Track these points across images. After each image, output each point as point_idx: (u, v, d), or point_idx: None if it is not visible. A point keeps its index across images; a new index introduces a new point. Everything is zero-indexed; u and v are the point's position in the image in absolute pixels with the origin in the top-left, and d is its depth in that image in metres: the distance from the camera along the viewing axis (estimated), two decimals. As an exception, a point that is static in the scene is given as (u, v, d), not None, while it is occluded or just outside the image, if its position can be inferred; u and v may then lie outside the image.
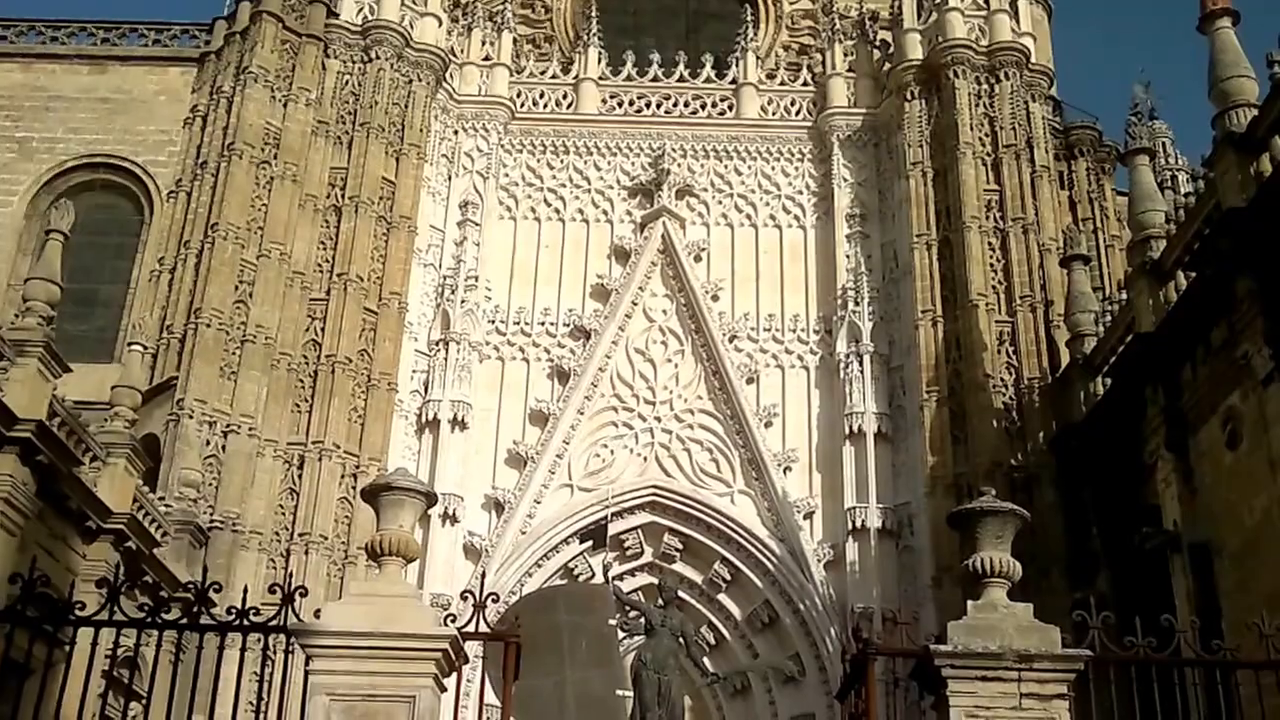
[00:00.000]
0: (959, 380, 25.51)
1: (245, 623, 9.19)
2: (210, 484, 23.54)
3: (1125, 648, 9.63)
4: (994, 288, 25.93)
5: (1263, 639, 9.63)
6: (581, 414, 27.57)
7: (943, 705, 9.16)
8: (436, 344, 27.77)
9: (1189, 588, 17.96)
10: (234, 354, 24.83)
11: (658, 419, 27.67)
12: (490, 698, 10.23)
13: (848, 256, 28.64)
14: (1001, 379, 24.96)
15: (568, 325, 28.58)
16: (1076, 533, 22.59)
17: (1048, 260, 26.13)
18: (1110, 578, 21.04)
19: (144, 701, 14.87)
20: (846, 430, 26.82)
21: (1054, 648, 9.15)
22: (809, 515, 26.72)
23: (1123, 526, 20.40)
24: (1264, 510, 16.47)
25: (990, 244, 26.32)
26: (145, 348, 23.58)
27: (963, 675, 9.01)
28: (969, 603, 9.62)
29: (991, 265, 26.17)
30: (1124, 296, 21.93)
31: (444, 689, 9.07)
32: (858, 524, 26.02)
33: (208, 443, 23.88)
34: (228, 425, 24.13)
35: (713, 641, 26.45)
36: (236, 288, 25.46)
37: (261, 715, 11.62)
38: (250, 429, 24.33)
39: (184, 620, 9.56)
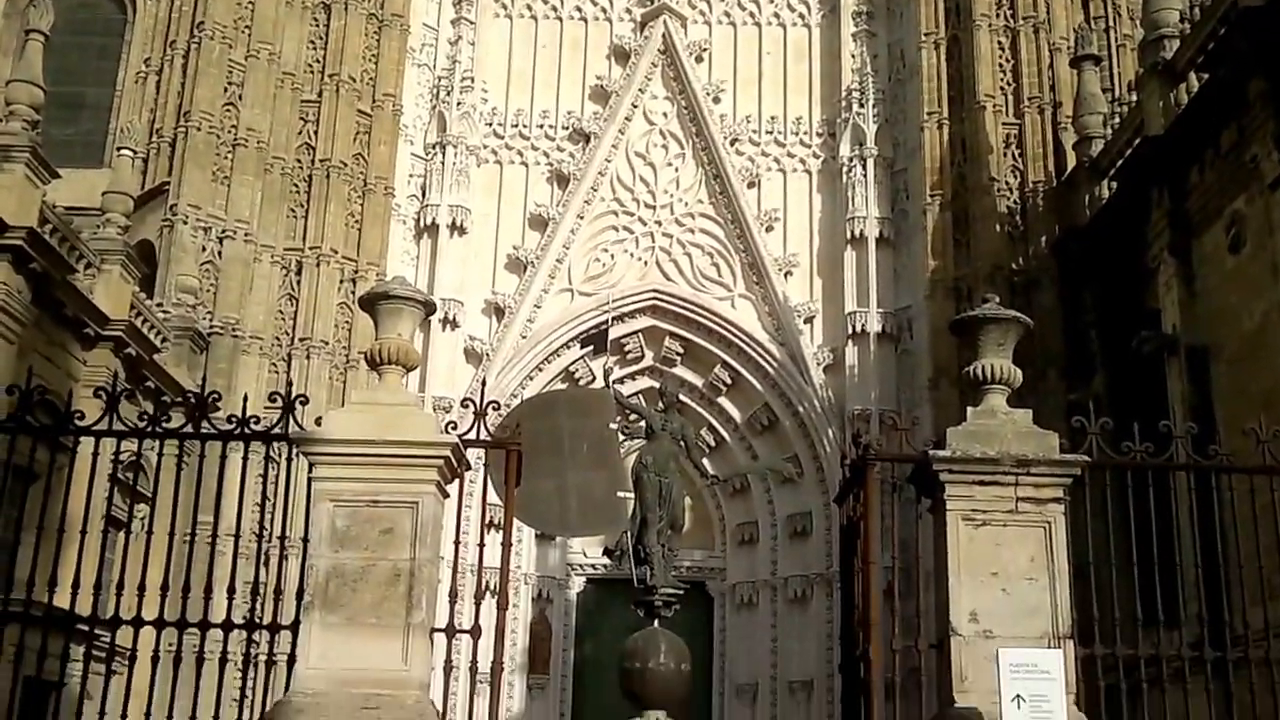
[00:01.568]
0: (963, 184, 25.21)
1: (246, 431, 9.24)
2: (208, 290, 23.46)
3: (1122, 453, 9.71)
4: (1002, 89, 25.39)
5: (1259, 444, 9.70)
6: (581, 218, 27.35)
7: (939, 508, 9.27)
8: (433, 147, 27.36)
9: (1184, 391, 18.09)
10: (226, 158, 24.42)
11: (658, 223, 27.48)
12: (494, 499, 10.34)
13: (853, 56, 27.99)
14: (1006, 182, 24.65)
15: (567, 128, 28.11)
16: (1075, 336, 22.68)
17: (1058, 60, 25.49)
18: (1106, 380, 21.19)
19: (150, 504, 15.12)
20: (848, 234, 26.67)
21: (1051, 453, 9.22)
22: (809, 319, 26.78)
23: (1121, 330, 20.44)
24: (1263, 314, 16.47)
25: (1000, 43, 25.65)
26: (135, 152, 23.21)
27: (960, 480, 9.10)
28: (969, 409, 9.65)
29: (1000, 65, 25.56)
30: (1134, 98, 21.49)
31: (446, 495, 9.17)
32: (857, 328, 26.11)
33: (203, 249, 23.70)
34: (223, 231, 23.92)
35: (713, 444, 26.83)
36: (225, 89, 24.86)
37: (266, 520, 11.81)
38: (246, 234, 24.11)
39: (185, 429, 9.62)
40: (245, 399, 9.89)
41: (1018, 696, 8.14)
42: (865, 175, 26.79)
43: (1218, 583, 10.71)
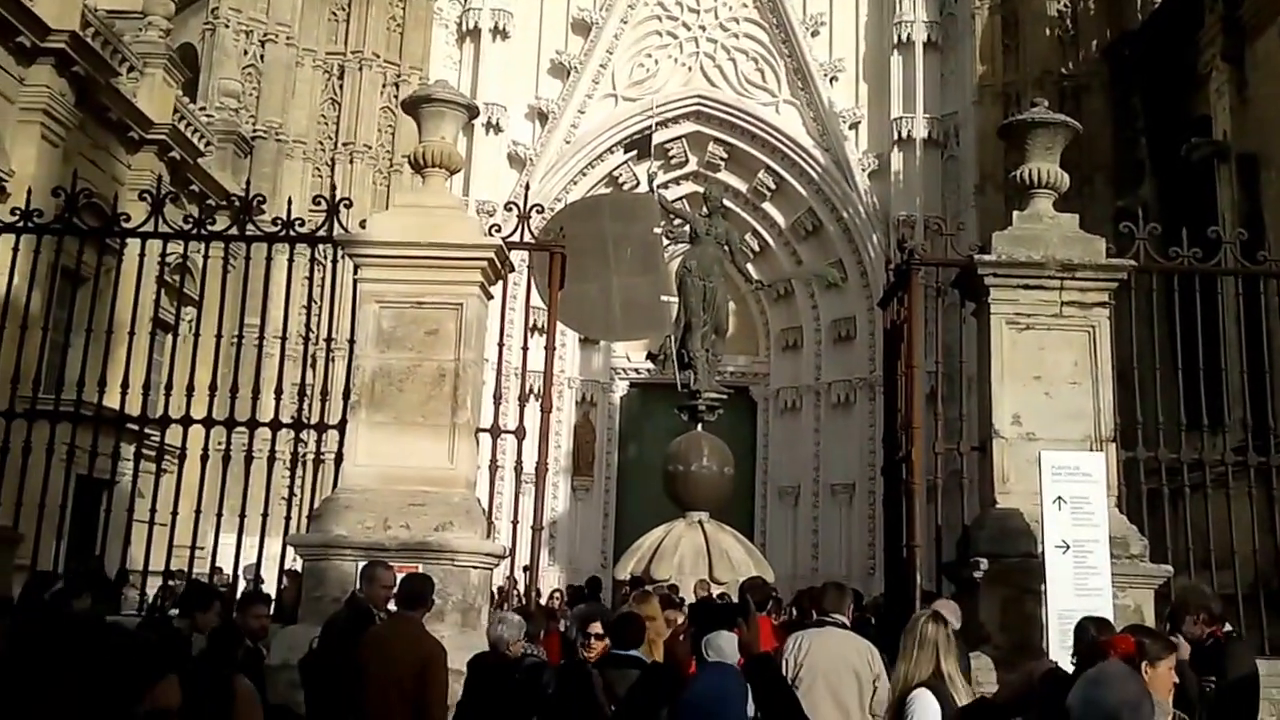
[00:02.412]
0: (1014, -15, 24.37)
1: (292, 233, 9.26)
2: (250, 94, 23.28)
3: (1169, 258, 9.58)
4: (1058, -116, 24.29)
5: (1310, 248, 9.53)
6: (625, 23, 26.73)
7: (984, 312, 9.23)
8: (475, -51, 26.64)
9: (1234, 199, 17.74)
10: (267, -40, 23.94)
11: (702, 28, 26.82)
12: (537, 302, 10.38)
13: None
14: (1059, -16, 23.81)
15: (610, -73, 27.23)
16: (1124, 143, 22.18)
17: None
18: (1155, 188, 20.79)
19: (197, 307, 15.32)
20: (895, 39, 25.96)
21: (1097, 257, 9.11)
22: (854, 125, 26.29)
23: (1171, 136, 19.96)
24: (1320, 119, 16.00)
25: None
26: (174, -48, 22.74)
27: (1005, 284, 9.03)
28: (1014, 213, 9.52)
29: None
30: (1197, -107, 20.51)
31: (490, 296, 9.21)
32: (903, 134, 25.64)
33: (245, 52, 23.43)
34: (264, 34, 23.59)
35: (757, 249, 26.72)
36: (266, -110, 24.21)
37: (312, 323, 11.95)
38: (288, 38, 23.77)
39: (231, 231, 9.66)
40: (290, 202, 9.89)
41: (1059, 498, 8.21)
42: (915, -23, 25.91)
43: (1263, 388, 10.67)
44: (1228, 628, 7.19)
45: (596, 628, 6.97)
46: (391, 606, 6.70)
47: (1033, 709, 4.36)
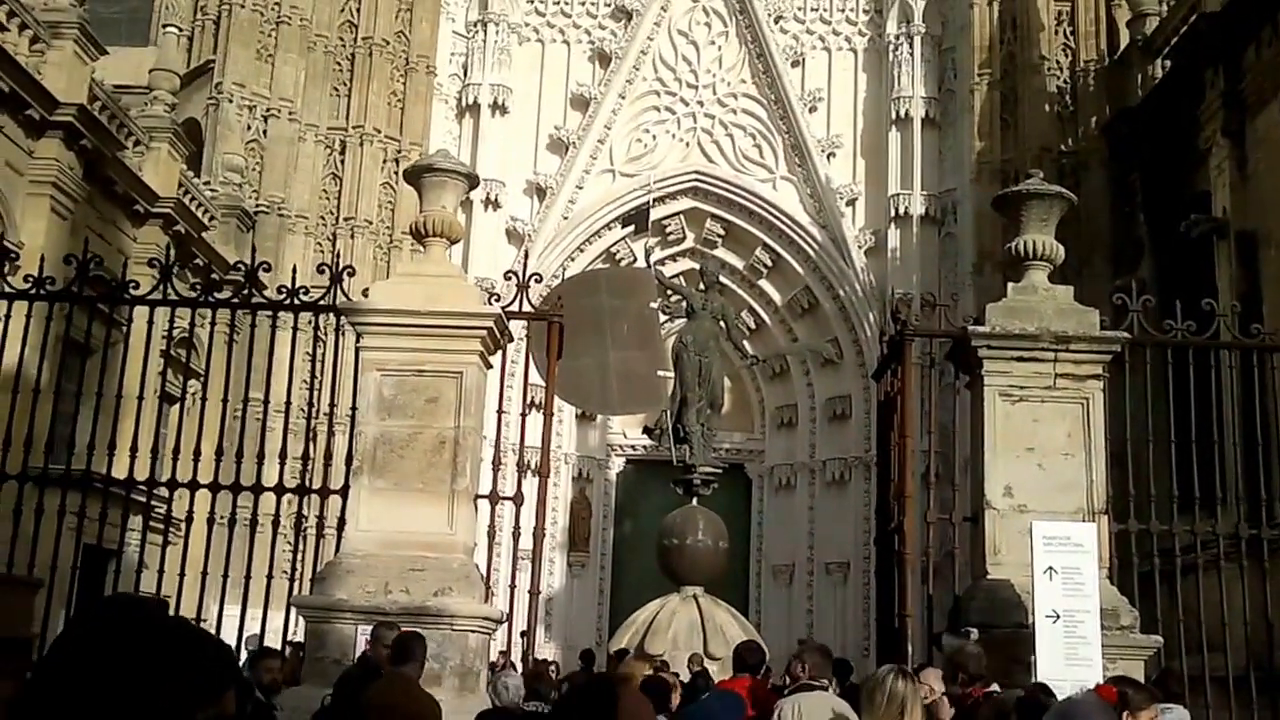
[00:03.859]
0: (1012, 63, 24.68)
1: (296, 301, 9.41)
2: (254, 169, 23.57)
3: (1164, 331, 9.72)
4: (1054, -36, 24.79)
5: (1303, 323, 9.67)
6: (623, 98, 27.11)
7: (977, 385, 9.35)
8: (474, 25, 27.13)
9: (1232, 275, 17.90)
10: (270, 36, 24.34)
11: (700, 103, 27.20)
12: (534, 377, 10.49)
13: (901, -70, 27.35)
14: (1057, 61, 24.15)
15: (609, 5, 27.71)
16: (1122, 219, 22.41)
17: (1112, -66, 24.83)
18: (1154, 265, 20.99)
19: (201, 379, 15.43)
20: (893, 115, 26.31)
21: (1091, 329, 9.24)
22: (851, 202, 26.57)
23: (1170, 213, 20.19)
24: (1316, 198, 16.22)
25: (1052, -84, 24.98)
26: (180, 29, 23.21)
27: (999, 355, 9.15)
28: (1009, 285, 9.67)
29: (1053, -60, 24.93)
30: (1191, -26, 20.96)
31: (490, 365, 9.32)
32: (900, 210, 25.90)
33: (249, 127, 23.76)
34: (268, 109, 23.94)
35: (753, 326, 26.89)
36: (268, -33, 24.71)
37: (315, 392, 12.05)
38: (290, 113, 24.13)
39: (236, 299, 9.80)
40: (294, 270, 10.05)
41: (1050, 568, 8.27)
42: (912, 53, 26.31)
43: (1258, 466, 10.75)
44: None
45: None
46: None
47: None
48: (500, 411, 9.42)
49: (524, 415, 10.09)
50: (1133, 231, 22.07)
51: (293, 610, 9.04)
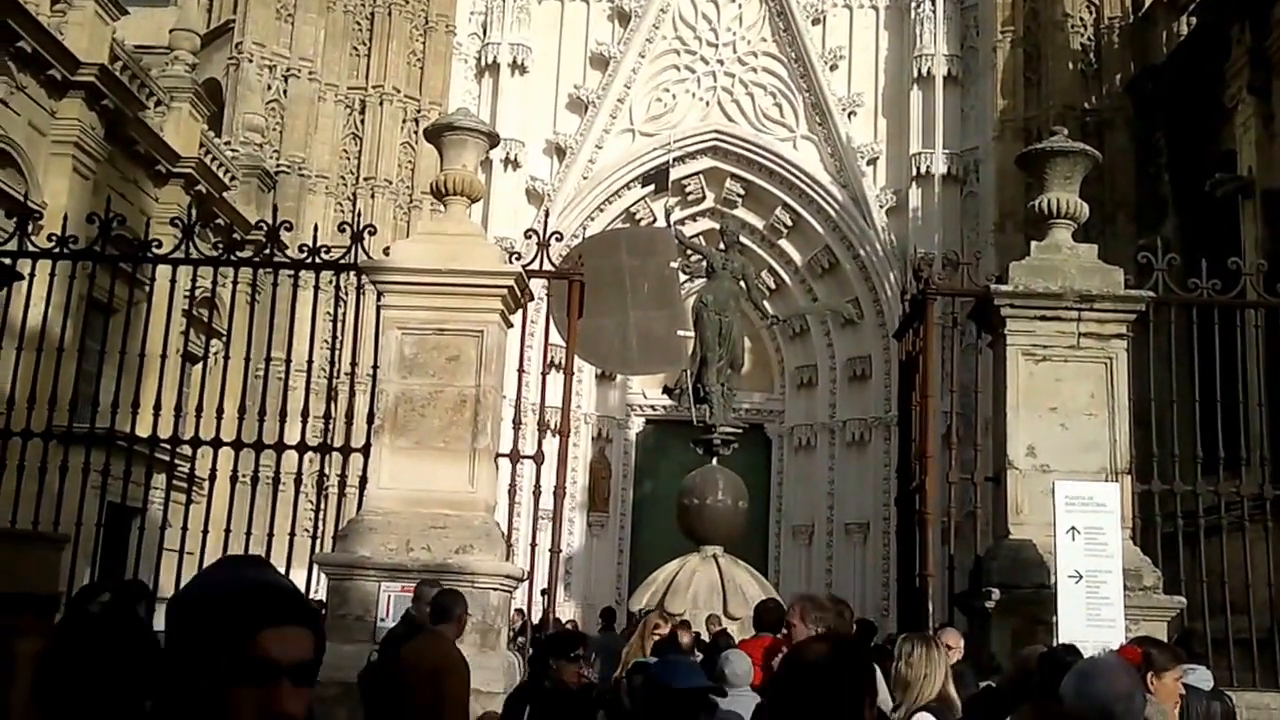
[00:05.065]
0: (1035, 20, 24.45)
1: (317, 260, 9.40)
2: (274, 129, 23.56)
3: (1189, 290, 9.64)
4: (1079, -81, 24.48)
5: (1330, 282, 9.58)
6: (643, 57, 26.95)
7: (1000, 344, 9.29)
8: (494, -16, 26.96)
9: (1258, 235, 17.75)
10: (289, -5, 24.27)
11: (720, 62, 27.02)
12: (554, 337, 10.49)
13: (924, -114, 27.02)
14: (1081, 18, 23.87)
15: (629, -37, 27.52)
16: (1147, 179, 22.23)
17: (1140, -112, 24.49)
18: (1178, 224, 20.82)
19: (224, 339, 15.47)
20: (915, 73, 26.09)
21: (1116, 288, 9.17)
22: (872, 161, 26.41)
23: (1195, 172, 20.00)
24: (1344, 155, 16.06)
25: None
26: (199, -11, 23.11)
27: (1021, 314, 9.09)
28: (1032, 243, 9.60)
29: (1079, -109, 24.60)
30: (1219, -72, 20.66)
31: (510, 325, 9.32)
32: (922, 169, 25.74)
33: (269, 87, 23.72)
34: (288, 69, 23.89)
35: (773, 286, 26.80)
36: (287, -75, 24.60)
37: (336, 351, 12.07)
38: (310, 73, 24.08)
39: (257, 258, 9.81)
40: (315, 228, 10.04)
41: (1073, 528, 8.24)
42: (934, 11, 26.01)
43: (1281, 425, 10.69)
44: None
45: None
46: None
47: (1030, 694, 4.39)
48: (520, 371, 9.43)
49: (544, 374, 10.09)
50: (1157, 190, 21.89)
51: (315, 568, 9.09)
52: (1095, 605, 8.06)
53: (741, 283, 20.85)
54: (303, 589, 9.66)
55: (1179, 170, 21.19)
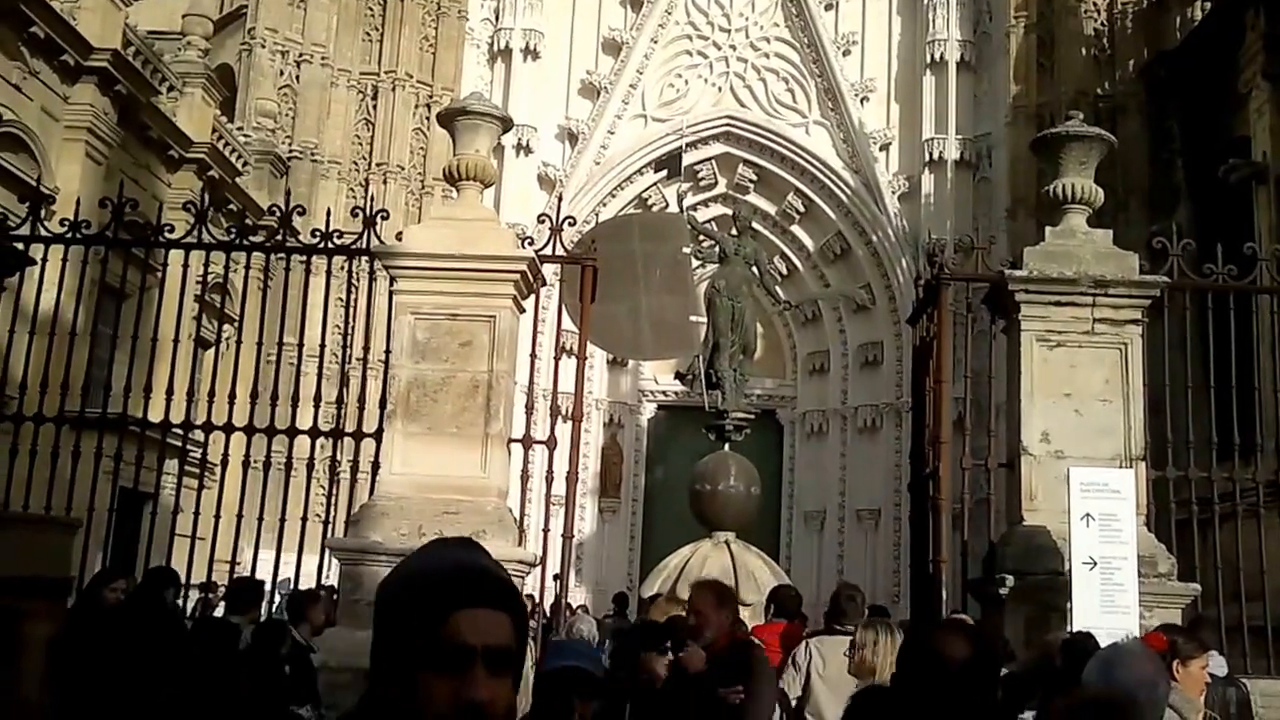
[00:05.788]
0: (1049, 5, 24.31)
1: (329, 245, 9.39)
2: (286, 114, 23.56)
3: (1204, 275, 9.58)
4: (1094, -97, 24.33)
5: (1347, 267, 9.52)
6: (655, 42, 26.90)
7: (1014, 329, 9.25)
8: (507, -31, 26.91)
9: (1272, 221, 17.68)
10: (302, -20, 24.25)
11: (733, 47, 26.96)
12: (566, 323, 10.48)
13: None
14: (1094, 3, 23.71)
15: (642, -52, 27.45)
16: (1160, 164, 22.12)
17: (1154, -128, 24.31)
18: (1191, 210, 20.73)
19: (236, 324, 15.49)
20: (928, 58, 26.00)
21: (1130, 274, 9.12)
22: (885, 146, 26.34)
23: (1208, 158, 19.90)
24: (1360, 140, 15.97)
25: None
26: (212, -26, 23.10)
27: (1036, 300, 9.04)
28: (1047, 229, 9.55)
29: (1093, -122, 24.43)
30: (1234, -88, 20.54)
31: (523, 310, 9.30)
32: (934, 155, 25.66)
33: (281, 72, 23.72)
34: (300, 55, 23.88)
35: (785, 272, 26.78)
36: (301, -90, 24.56)
37: (348, 336, 12.07)
38: (323, 58, 24.07)
39: (269, 243, 9.80)
40: (329, 213, 10.03)
41: (1087, 515, 8.21)
42: (948, -5, 25.96)
43: (1295, 412, 10.62)
44: None
45: None
46: None
47: (1052, 680, 4.39)
48: (533, 356, 9.41)
49: (556, 360, 10.08)
50: (1170, 176, 21.79)
51: (327, 553, 9.10)
52: (1110, 592, 8.03)
53: (754, 268, 20.81)
54: (315, 575, 9.73)
55: (1192, 156, 21.09)
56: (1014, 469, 9.12)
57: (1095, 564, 8.04)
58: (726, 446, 19.07)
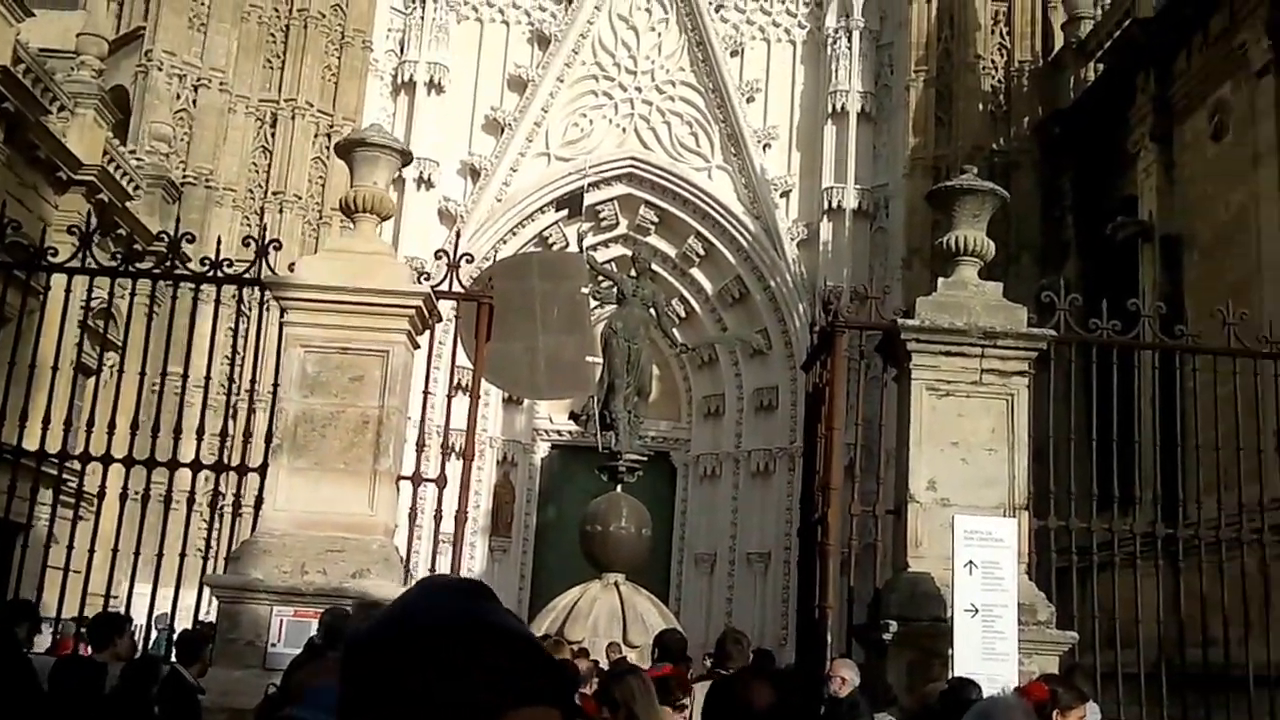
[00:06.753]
0: (948, 61, 24.88)
1: (220, 274, 9.21)
2: (182, 139, 23.13)
3: (1089, 330, 9.81)
4: (992, -36, 24.98)
5: (1225, 325, 9.82)
6: (561, 81, 26.96)
7: (905, 378, 9.37)
8: (413, 1, 26.79)
9: (1156, 278, 18.22)
10: (203, 4, 23.86)
11: (638, 89, 27.12)
12: (462, 359, 10.38)
13: (843, -75, 27.42)
14: (992, 60, 24.37)
15: (550, -14, 27.55)
16: (1051, 220, 22.70)
17: (1051, -64, 25.07)
18: (1080, 266, 21.29)
19: (120, 351, 15.10)
20: (830, 108, 26.40)
21: (1019, 326, 9.30)
22: (785, 193, 26.66)
23: (1098, 216, 20.49)
24: (1239, 205, 16.54)
25: (992, -84, 25.17)
26: (109, -7, 22.67)
27: (927, 349, 9.17)
28: (939, 279, 9.71)
29: (992, -60, 25.12)
30: (1125, -21, 21.28)
31: (417, 346, 9.20)
32: (834, 204, 26.01)
33: (178, 96, 23.30)
34: (198, 79, 23.49)
35: (683, 314, 26.90)
36: (203, -67, 24.23)
37: (236, 367, 11.83)
38: (221, 84, 23.70)
39: (157, 270, 9.58)
40: (219, 242, 9.84)
41: (970, 562, 8.31)
42: (850, 48, 26.39)
43: (1175, 467, 10.91)
44: None
45: None
46: None
47: None
48: (426, 392, 9.31)
49: (450, 397, 9.95)
50: (1061, 232, 22.37)
51: (205, 590, 8.86)
52: (990, 639, 8.12)
53: (652, 310, 20.88)
54: (192, 611, 9.47)
55: (1082, 213, 21.69)
56: (900, 516, 9.21)
57: (977, 611, 8.13)
58: (619, 488, 19.06)
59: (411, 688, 1.33)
